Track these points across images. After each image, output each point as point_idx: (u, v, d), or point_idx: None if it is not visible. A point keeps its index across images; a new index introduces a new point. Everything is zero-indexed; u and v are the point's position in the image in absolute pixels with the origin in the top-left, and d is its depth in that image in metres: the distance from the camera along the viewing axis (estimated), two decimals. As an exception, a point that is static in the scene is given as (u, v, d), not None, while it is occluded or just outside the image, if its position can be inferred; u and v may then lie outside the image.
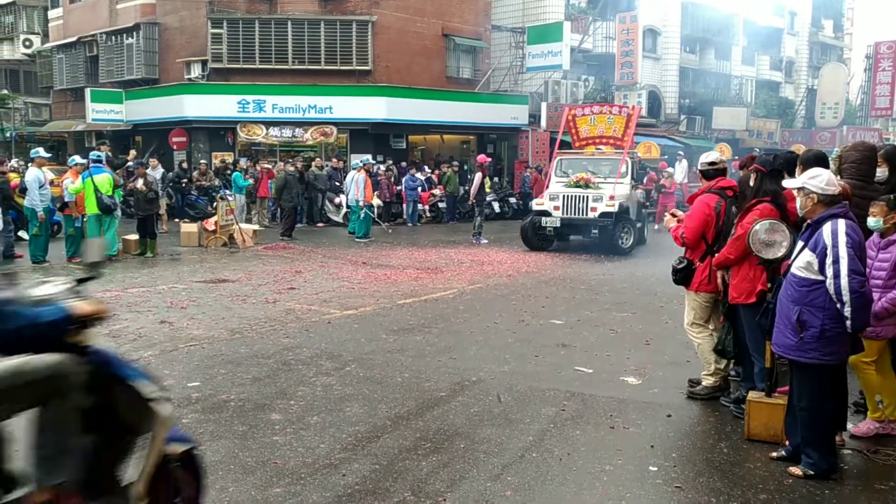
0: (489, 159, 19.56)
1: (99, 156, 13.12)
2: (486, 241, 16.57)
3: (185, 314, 8.55)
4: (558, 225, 14.65)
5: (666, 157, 26.23)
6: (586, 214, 14.43)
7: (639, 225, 16.03)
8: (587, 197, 14.49)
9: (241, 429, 4.93)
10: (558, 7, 29.16)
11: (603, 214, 14.29)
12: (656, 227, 19.31)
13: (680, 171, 25.05)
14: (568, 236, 15.52)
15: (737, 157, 22.00)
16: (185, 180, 20.42)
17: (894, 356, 4.92)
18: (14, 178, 14.70)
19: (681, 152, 26.83)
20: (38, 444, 2.68)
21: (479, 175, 17.46)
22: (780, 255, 4.69)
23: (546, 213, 14.79)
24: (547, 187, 15.77)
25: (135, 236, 13.87)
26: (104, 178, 12.54)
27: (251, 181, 19.86)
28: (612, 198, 14.35)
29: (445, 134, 26.90)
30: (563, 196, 14.69)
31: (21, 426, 2.65)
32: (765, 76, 42.21)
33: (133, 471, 2.91)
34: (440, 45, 25.95)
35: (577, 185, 14.89)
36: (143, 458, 2.91)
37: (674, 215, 6.12)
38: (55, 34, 31.08)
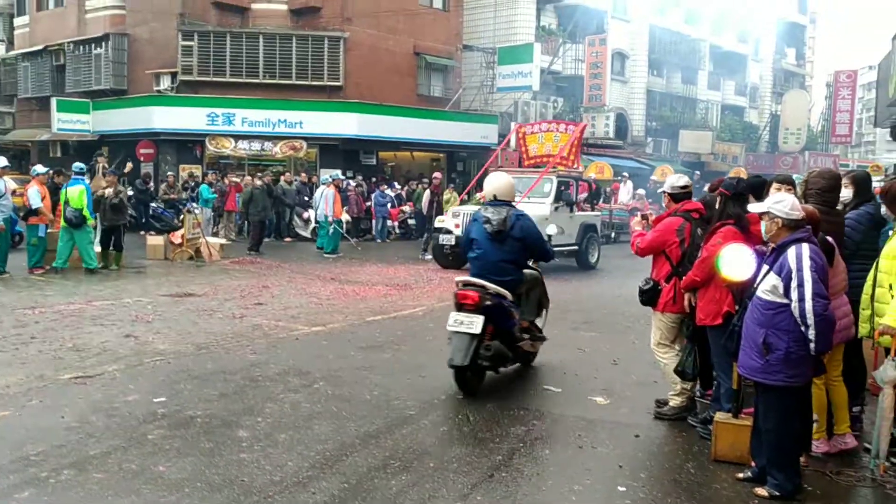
0: (440, 177, 19.61)
1: (81, 168, 12.92)
2: (430, 257, 16.26)
3: (151, 328, 8.43)
4: (454, 243, 14.16)
5: (619, 178, 26.48)
6: None
7: (575, 247, 15.44)
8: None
9: (207, 445, 4.86)
10: (529, 29, 29.56)
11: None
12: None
13: (625, 193, 25.40)
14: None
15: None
16: (144, 188, 20.26)
17: (846, 368, 5.04)
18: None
19: (625, 173, 27.04)
20: (526, 302, 6.67)
21: (426, 193, 17.40)
22: (746, 278, 4.77)
23: (448, 232, 14.58)
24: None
25: (98, 248, 13.61)
26: (75, 191, 12.27)
27: (216, 194, 19.70)
28: None
29: (416, 151, 26.97)
30: (463, 214, 14.48)
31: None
32: (730, 101, 43.09)
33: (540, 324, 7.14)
34: (412, 63, 26.09)
35: (478, 203, 14.80)
36: (544, 319, 7.29)
37: (645, 217, 6.18)
38: (20, 42, 30.52)
